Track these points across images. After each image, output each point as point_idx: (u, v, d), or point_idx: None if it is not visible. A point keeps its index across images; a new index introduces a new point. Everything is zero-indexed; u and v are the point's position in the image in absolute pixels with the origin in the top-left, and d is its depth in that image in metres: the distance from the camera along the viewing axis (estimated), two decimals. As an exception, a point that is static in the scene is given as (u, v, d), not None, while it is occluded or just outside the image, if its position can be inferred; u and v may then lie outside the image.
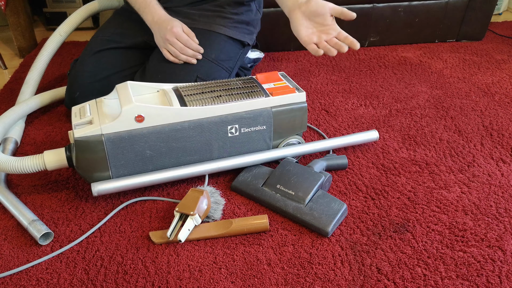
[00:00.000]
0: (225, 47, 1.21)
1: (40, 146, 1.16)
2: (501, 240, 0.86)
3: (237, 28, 1.25)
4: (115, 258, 0.83)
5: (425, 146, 1.16)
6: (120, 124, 0.89)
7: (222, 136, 0.98)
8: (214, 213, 0.91)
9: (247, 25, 1.28)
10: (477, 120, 1.28)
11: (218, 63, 1.18)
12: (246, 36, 1.28)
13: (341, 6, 0.95)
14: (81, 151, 0.89)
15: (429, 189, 1.00)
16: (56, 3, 1.98)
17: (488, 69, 1.61)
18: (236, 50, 1.26)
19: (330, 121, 1.27)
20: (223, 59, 1.20)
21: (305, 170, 0.96)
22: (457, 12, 1.78)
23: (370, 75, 1.57)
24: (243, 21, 1.27)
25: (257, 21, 1.33)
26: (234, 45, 1.25)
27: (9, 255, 0.83)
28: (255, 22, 1.32)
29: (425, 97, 1.41)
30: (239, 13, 1.26)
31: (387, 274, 0.79)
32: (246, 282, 0.78)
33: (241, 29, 1.26)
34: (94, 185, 0.91)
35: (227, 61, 1.22)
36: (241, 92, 0.99)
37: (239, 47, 1.27)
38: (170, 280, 0.78)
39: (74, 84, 1.21)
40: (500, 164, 1.09)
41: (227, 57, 1.21)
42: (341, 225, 0.90)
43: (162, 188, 1.00)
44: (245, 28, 1.28)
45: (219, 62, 1.18)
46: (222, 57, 1.19)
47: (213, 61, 1.17)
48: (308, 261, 0.82)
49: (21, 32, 1.72)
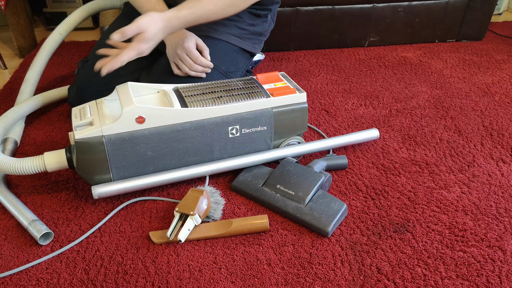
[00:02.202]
0: (236, 58, 1.20)
1: (40, 146, 1.16)
2: (501, 240, 0.86)
3: (250, 40, 1.24)
4: (115, 258, 0.83)
5: (425, 146, 1.16)
6: (120, 125, 0.89)
7: (223, 137, 0.98)
8: (214, 213, 0.91)
9: (260, 36, 1.28)
10: (477, 120, 1.28)
11: (227, 75, 1.18)
12: (256, 47, 1.28)
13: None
14: (81, 153, 0.89)
15: (429, 189, 1.00)
16: (56, 3, 1.98)
17: (488, 69, 1.61)
18: (245, 61, 1.26)
19: (330, 121, 1.27)
20: (232, 71, 1.19)
21: (305, 170, 0.96)
22: (457, 12, 1.78)
23: (370, 75, 1.57)
24: (257, 32, 1.26)
25: (269, 31, 1.33)
26: (244, 56, 1.25)
27: (9, 255, 0.83)
28: (268, 32, 1.32)
29: (425, 97, 1.42)
30: (255, 24, 1.25)
31: (387, 274, 0.79)
32: (246, 282, 0.78)
33: (254, 40, 1.26)
34: (94, 188, 0.91)
35: (235, 72, 1.21)
36: (242, 92, 0.99)
37: (248, 57, 1.27)
38: (170, 280, 0.78)
39: (83, 86, 1.19)
40: (500, 164, 1.09)
41: (236, 69, 1.21)
42: (341, 225, 0.90)
43: (162, 188, 1.00)
44: (258, 39, 1.28)
45: (228, 74, 1.18)
46: (232, 69, 1.19)
47: (223, 73, 1.16)
48: (308, 261, 0.82)
49: (21, 32, 1.72)
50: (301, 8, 1.66)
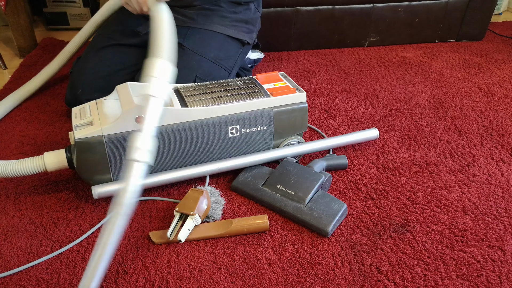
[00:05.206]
0: (224, 46, 1.21)
1: (40, 146, 1.16)
2: (501, 240, 0.86)
3: (235, 27, 1.25)
4: (115, 258, 0.83)
5: (425, 146, 1.16)
6: (120, 125, 0.89)
7: (223, 137, 0.98)
8: (214, 213, 0.91)
9: (246, 23, 1.28)
10: (477, 120, 1.28)
11: (217, 62, 1.18)
12: (245, 34, 1.28)
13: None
14: (81, 152, 0.89)
15: (429, 189, 1.00)
16: (56, 3, 1.98)
17: (488, 69, 1.61)
18: (235, 49, 1.26)
19: (330, 121, 1.27)
20: (222, 58, 1.19)
21: (305, 170, 0.96)
22: (457, 12, 1.78)
23: (370, 75, 1.57)
24: (241, 19, 1.26)
25: (256, 19, 1.33)
26: (233, 44, 1.25)
27: (9, 255, 0.83)
28: (254, 20, 1.32)
29: (425, 97, 1.42)
30: (237, 12, 1.25)
31: (387, 274, 0.79)
32: (246, 282, 0.78)
33: (240, 27, 1.26)
34: (94, 188, 0.91)
35: (226, 60, 1.21)
36: (242, 92, 0.99)
37: (238, 46, 1.27)
38: (170, 280, 0.78)
39: (77, 81, 1.20)
40: (500, 164, 1.09)
41: (226, 56, 1.21)
42: (341, 225, 0.90)
43: (162, 188, 1.00)
44: (244, 27, 1.28)
45: (218, 61, 1.18)
46: (221, 56, 1.19)
47: (212, 60, 1.17)
48: (308, 261, 0.82)
49: (21, 32, 1.72)
50: (301, 8, 1.66)
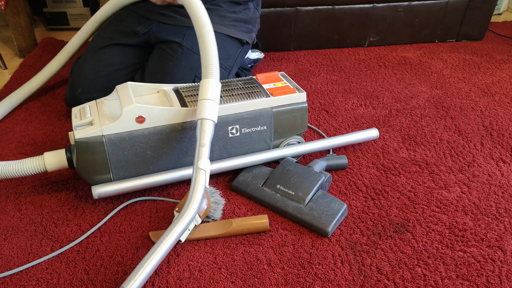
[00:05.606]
0: (223, 45, 1.21)
1: (40, 146, 1.16)
2: (501, 240, 0.86)
3: (234, 27, 1.25)
4: (115, 258, 0.83)
5: (425, 146, 1.16)
6: (121, 125, 0.89)
7: (223, 137, 0.98)
8: (214, 213, 0.91)
9: (245, 23, 1.28)
10: (477, 120, 1.28)
11: None
12: (244, 34, 1.28)
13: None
14: (81, 152, 0.89)
15: (429, 189, 1.00)
16: (56, 3, 1.98)
17: (488, 69, 1.61)
18: (235, 49, 1.26)
19: (330, 121, 1.27)
20: (221, 57, 1.19)
21: (305, 170, 0.96)
22: (457, 12, 1.78)
23: (370, 75, 1.57)
24: (240, 19, 1.26)
25: (255, 19, 1.33)
26: (232, 44, 1.25)
27: (9, 255, 0.83)
28: (254, 20, 1.32)
29: (425, 97, 1.42)
30: (236, 11, 1.26)
31: (387, 274, 0.79)
32: (246, 282, 0.78)
33: (239, 27, 1.26)
34: (94, 188, 0.91)
35: (226, 59, 1.22)
36: (242, 92, 0.99)
37: (237, 45, 1.27)
38: (170, 280, 0.78)
39: (76, 81, 1.21)
40: (500, 164, 1.09)
41: (225, 56, 1.21)
42: (341, 225, 0.90)
43: (162, 188, 1.00)
44: (243, 26, 1.28)
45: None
46: (220, 55, 1.19)
47: None
48: (308, 261, 0.82)
49: (21, 32, 1.72)
50: (301, 8, 1.66)
